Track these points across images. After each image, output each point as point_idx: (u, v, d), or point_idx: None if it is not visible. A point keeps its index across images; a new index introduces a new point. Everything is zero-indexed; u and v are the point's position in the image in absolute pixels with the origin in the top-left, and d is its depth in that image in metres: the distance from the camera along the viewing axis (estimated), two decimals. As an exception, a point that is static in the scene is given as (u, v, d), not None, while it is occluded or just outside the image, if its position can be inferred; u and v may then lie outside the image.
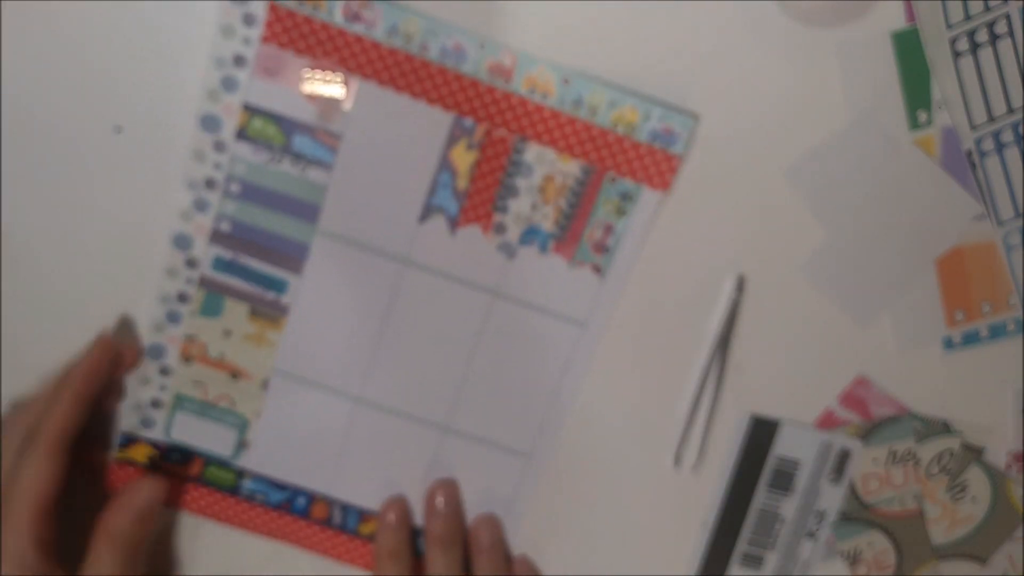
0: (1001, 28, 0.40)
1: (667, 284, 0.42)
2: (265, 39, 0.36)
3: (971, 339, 0.44)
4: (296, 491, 0.42)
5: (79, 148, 0.39)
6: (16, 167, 0.40)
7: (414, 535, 0.43)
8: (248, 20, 0.36)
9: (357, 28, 0.36)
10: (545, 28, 0.39)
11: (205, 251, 0.39)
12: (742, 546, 0.46)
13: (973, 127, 0.41)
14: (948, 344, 0.44)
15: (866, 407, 0.44)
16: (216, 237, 0.39)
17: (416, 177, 0.39)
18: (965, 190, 0.42)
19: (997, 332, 0.44)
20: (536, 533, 0.45)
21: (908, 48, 0.40)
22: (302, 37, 0.36)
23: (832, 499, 0.45)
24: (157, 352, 0.40)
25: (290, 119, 0.37)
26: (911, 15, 0.40)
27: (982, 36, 0.40)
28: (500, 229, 0.40)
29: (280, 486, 0.42)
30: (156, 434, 0.42)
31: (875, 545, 0.46)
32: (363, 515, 0.43)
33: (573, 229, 0.40)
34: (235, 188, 0.38)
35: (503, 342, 0.41)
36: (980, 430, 0.45)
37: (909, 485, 0.46)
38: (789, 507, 0.45)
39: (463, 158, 0.38)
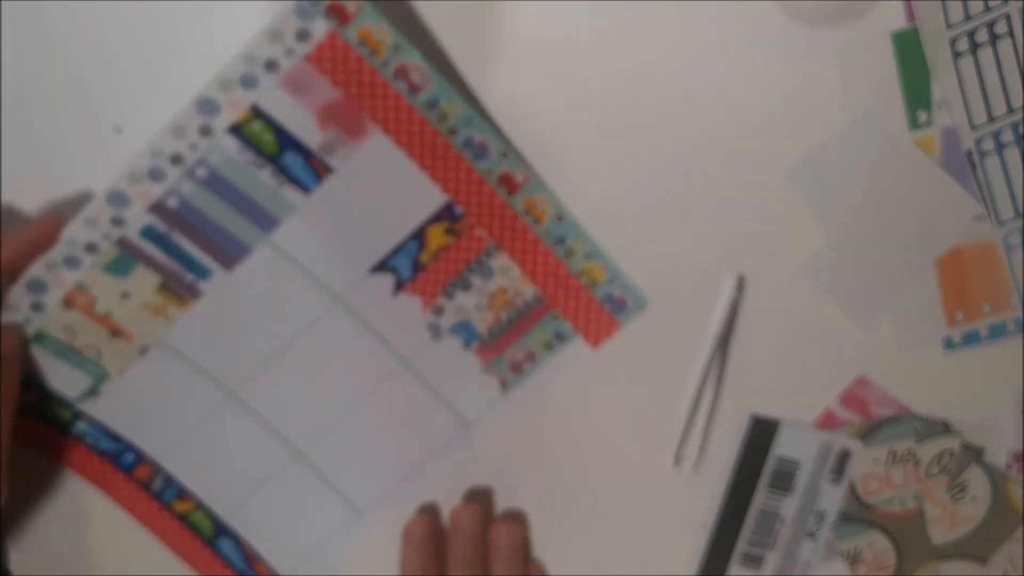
0: (1001, 28, 0.40)
1: (667, 284, 0.42)
2: (309, 58, 0.36)
3: (971, 339, 0.44)
4: (127, 447, 0.42)
5: (79, 148, 0.39)
6: (16, 167, 0.40)
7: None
8: (301, 35, 0.36)
9: (401, 87, 0.37)
10: (545, 26, 0.39)
11: (139, 216, 0.38)
12: (742, 546, 0.46)
13: (973, 127, 0.41)
14: (948, 344, 0.44)
15: (866, 407, 0.44)
16: (159, 209, 0.38)
17: (386, 235, 0.40)
18: (965, 190, 0.42)
19: (997, 332, 0.44)
20: (536, 533, 0.45)
21: (908, 48, 0.40)
22: (346, 71, 0.36)
23: (832, 499, 0.45)
24: (37, 286, 0.39)
25: (291, 136, 0.37)
26: (911, 15, 0.40)
27: (982, 36, 0.40)
28: (438, 310, 0.41)
29: (113, 437, 0.42)
30: None
31: (875, 545, 0.46)
32: (183, 493, 0.43)
33: (501, 341, 0.42)
34: (202, 172, 0.38)
35: (388, 407, 0.42)
36: (980, 430, 0.45)
37: (909, 485, 0.46)
38: (789, 507, 0.45)
39: (437, 237, 0.40)
